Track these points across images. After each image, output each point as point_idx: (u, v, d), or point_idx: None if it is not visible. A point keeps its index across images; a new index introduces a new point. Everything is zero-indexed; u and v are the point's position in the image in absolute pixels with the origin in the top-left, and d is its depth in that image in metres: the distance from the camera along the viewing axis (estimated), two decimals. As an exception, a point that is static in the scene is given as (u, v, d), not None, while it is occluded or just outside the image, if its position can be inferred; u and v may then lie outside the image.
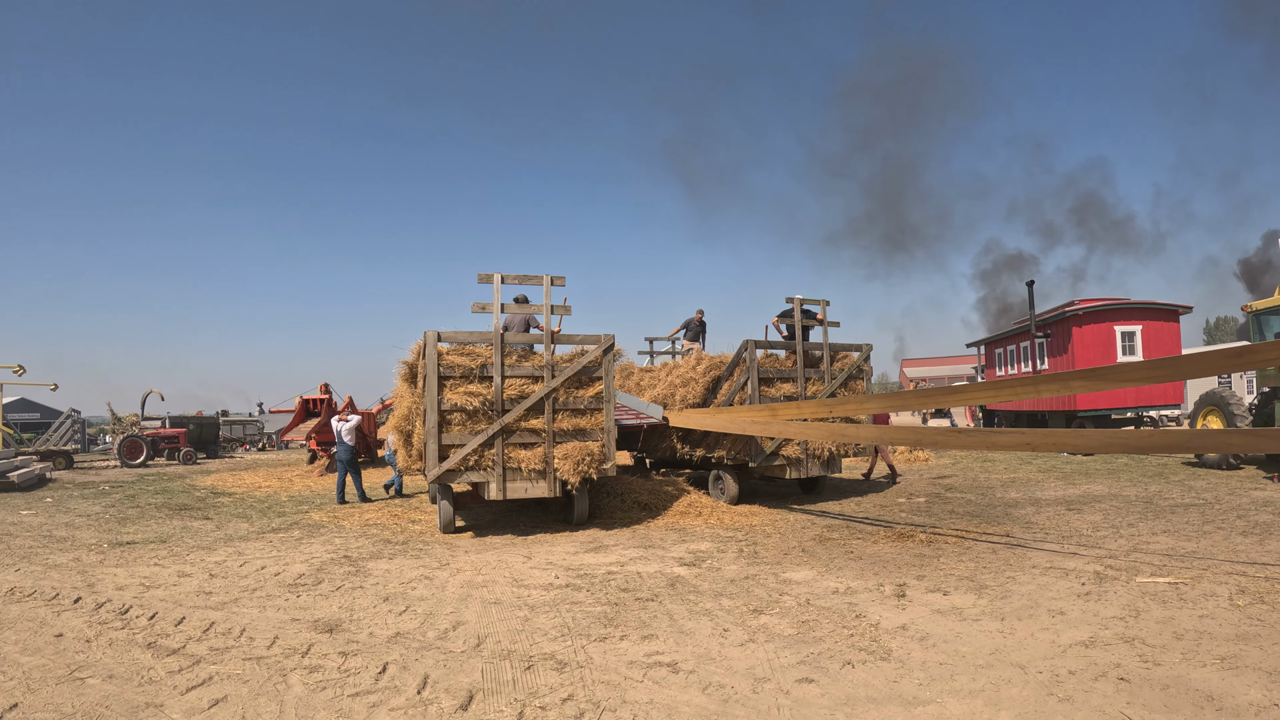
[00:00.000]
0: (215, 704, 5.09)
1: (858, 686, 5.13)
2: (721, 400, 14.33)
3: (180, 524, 13.40)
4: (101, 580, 8.94)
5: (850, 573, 8.50)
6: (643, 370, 18.19)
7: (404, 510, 14.62)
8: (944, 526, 11.19)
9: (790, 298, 14.82)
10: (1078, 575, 7.90)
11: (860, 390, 15.05)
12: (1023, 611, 6.72)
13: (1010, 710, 4.65)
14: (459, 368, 11.57)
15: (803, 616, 6.84)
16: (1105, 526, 10.59)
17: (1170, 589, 7.22)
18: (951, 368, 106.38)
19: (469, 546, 10.85)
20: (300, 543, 11.25)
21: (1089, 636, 5.96)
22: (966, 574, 8.18)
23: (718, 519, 12.64)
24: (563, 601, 7.61)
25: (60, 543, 11.52)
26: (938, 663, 5.52)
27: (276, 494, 18.08)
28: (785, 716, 4.70)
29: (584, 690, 5.21)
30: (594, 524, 12.50)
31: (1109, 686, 4.94)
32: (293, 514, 14.46)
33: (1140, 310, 24.18)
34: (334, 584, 8.56)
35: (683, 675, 5.46)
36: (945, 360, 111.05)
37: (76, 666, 5.90)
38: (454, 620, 7.02)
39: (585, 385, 12.31)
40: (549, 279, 12.04)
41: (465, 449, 11.51)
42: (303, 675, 5.61)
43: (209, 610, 7.51)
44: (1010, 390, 9.47)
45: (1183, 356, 7.59)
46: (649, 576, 8.62)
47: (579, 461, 11.76)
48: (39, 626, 7.01)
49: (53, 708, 5.07)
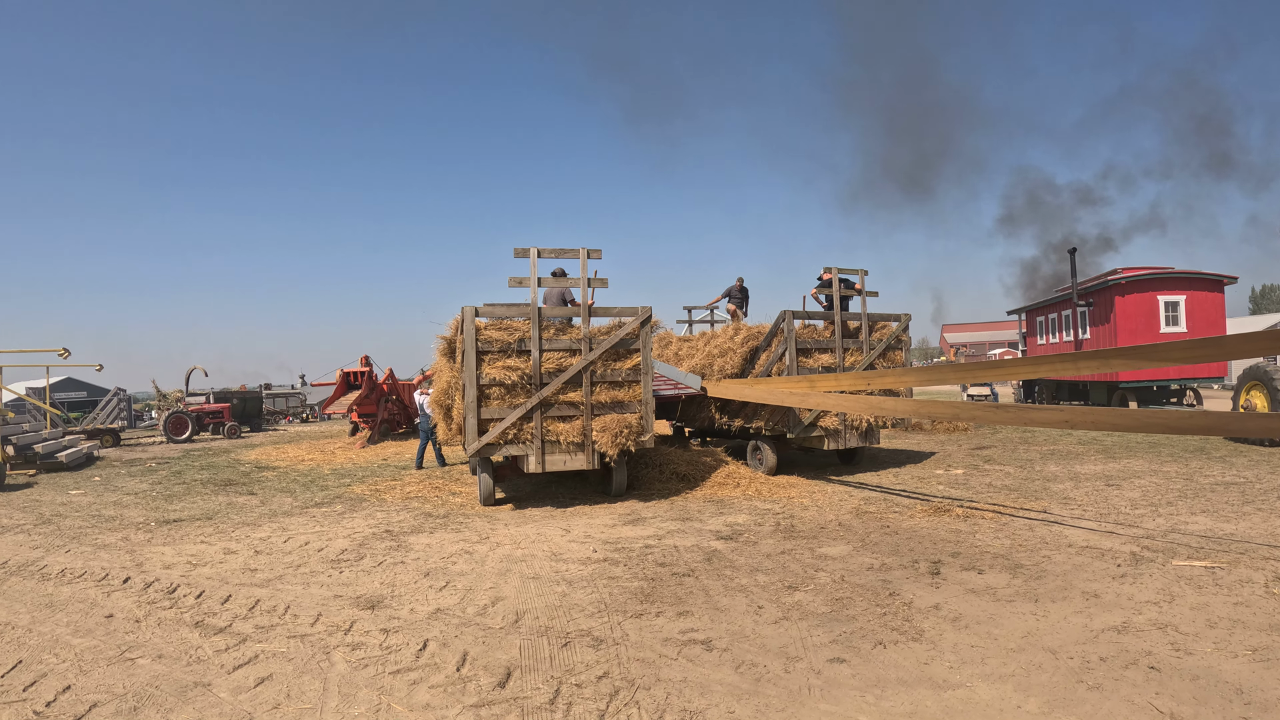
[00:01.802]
0: (261, 682, 5.25)
1: (888, 668, 5.18)
2: (759, 371, 14.35)
3: (225, 500, 13.67)
4: (149, 559, 9.15)
5: (885, 548, 8.52)
6: (680, 339, 18.21)
7: (444, 482, 14.80)
8: (981, 500, 11.17)
9: (827, 268, 14.77)
10: (1114, 556, 7.87)
11: (899, 360, 15.01)
12: (1056, 593, 6.72)
13: (1039, 697, 4.69)
14: (497, 342, 11.66)
15: (837, 594, 6.89)
16: (1144, 504, 10.52)
17: (1206, 573, 7.17)
18: (992, 333, 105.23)
19: (508, 519, 11.00)
20: (343, 517, 11.45)
21: (1122, 621, 5.95)
22: (1002, 551, 8.18)
23: (755, 490, 12.71)
24: (600, 576, 7.72)
25: (109, 522, 11.76)
26: (969, 645, 5.55)
27: (319, 467, 18.36)
28: (815, 697, 4.77)
29: (619, 668, 5.31)
30: (632, 495, 12.61)
31: (1139, 675, 4.95)
32: (335, 488, 14.70)
33: (1184, 280, 23.76)
34: (375, 559, 8.73)
35: (716, 653, 5.54)
36: (986, 326, 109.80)
37: (127, 647, 6.07)
38: (493, 596, 7.14)
39: (623, 357, 12.36)
40: (585, 252, 12.08)
41: (504, 423, 11.62)
42: (345, 653, 5.76)
43: (254, 588, 7.70)
44: (1050, 367, 9.38)
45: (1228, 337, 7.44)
46: (686, 550, 8.71)
47: (617, 434, 11.84)
48: (90, 608, 7.20)
49: (104, 689, 5.23)
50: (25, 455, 18.80)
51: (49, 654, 5.96)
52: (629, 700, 4.79)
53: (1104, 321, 24.16)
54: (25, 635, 6.44)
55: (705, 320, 22.02)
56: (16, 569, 8.84)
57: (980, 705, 4.60)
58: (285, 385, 52.08)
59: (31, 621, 6.81)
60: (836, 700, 4.72)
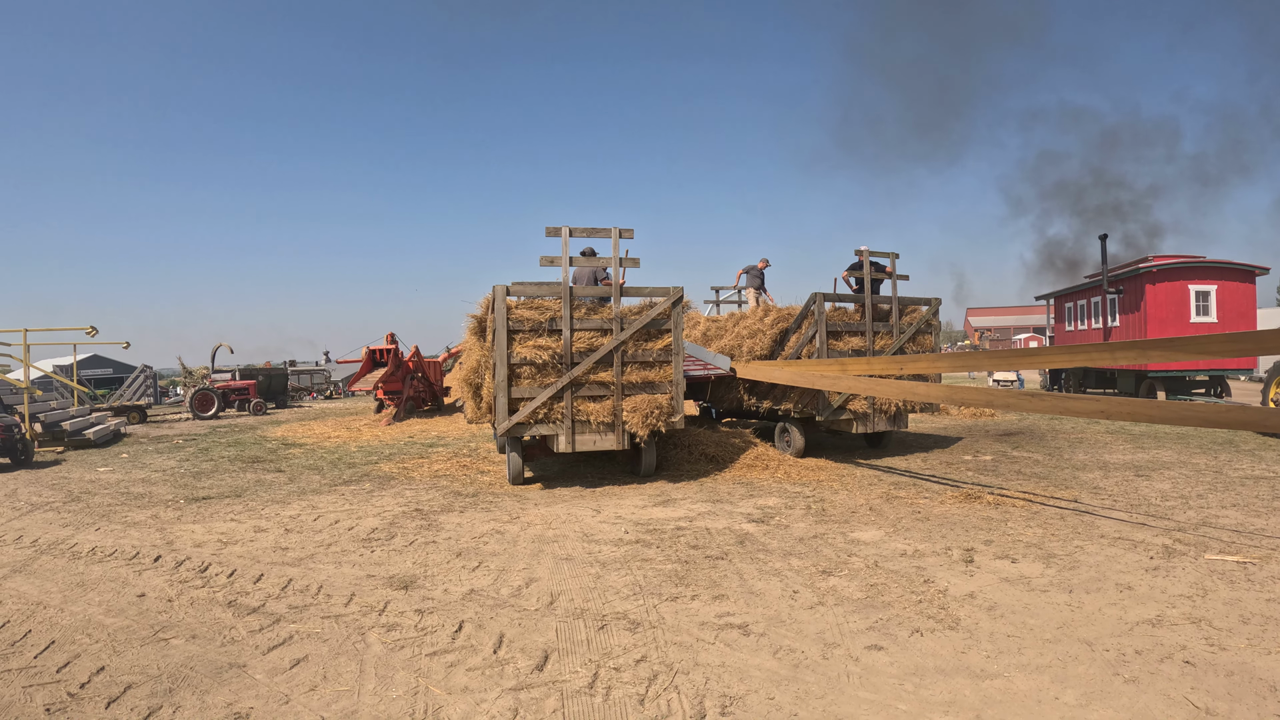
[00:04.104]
0: (296, 664, 5.28)
1: (926, 656, 5.18)
2: (789, 353, 14.32)
3: (254, 477, 13.78)
4: (180, 537, 9.20)
5: (918, 534, 8.51)
6: (709, 320, 18.18)
7: (472, 460, 14.86)
8: (1011, 488, 11.13)
9: (859, 250, 14.71)
10: (1146, 548, 7.83)
11: (928, 345, 14.97)
12: (1090, 584, 6.69)
13: (1076, 689, 4.68)
14: (528, 321, 11.67)
15: (871, 579, 6.89)
16: (1174, 496, 10.45)
17: (1238, 568, 7.11)
18: (1017, 318, 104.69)
19: (538, 499, 11.04)
20: (372, 495, 11.52)
21: (1156, 615, 5.93)
22: (1034, 541, 8.15)
23: (784, 473, 12.71)
24: (633, 558, 7.74)
25: (138, 499, 11.85)
26: (1005, 634, 5.54)
27: (345, 444, 18.48)
28: (855, 684, 4.77)
29: (657, 651, 5.33)
30: (661, 476, 12.63)
31: (1174, 669, 4.93)
32: (363, 465, 14.79)
33: (1216, 270, 23.53)
34: (406, 539, 8.78)
35: (754, 638, 5.56)
36: (1011, 310, 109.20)
37: (160, 627, 6.11)
38: (527, 577, 7.17)
39: (654, 338, 12.36)
40: (617, 231, 12.05)
41: (534, 402, 11.65)
42: (380, 634, 5.79)
43: (286, 567, 7.75)
44: (1085, 355, 9.29)
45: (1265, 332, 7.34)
46: (718, 533, 8.72)
47: (647, 415, 11.85)
48: (121, 587, 7.25)
49: (139, 670, 5.26)
50: (53, 432, 19.01)
51: (82, 634, 5.99)
52: (668, 684, 4.81)
53: (1134, 310, 23.98)
54: (58, 615, 6.48)
55: (733, 301, 21.98)
56: (47, 547, 8.92)
57: (1018, 696, 4.59)
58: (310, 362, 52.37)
59: (64, 601, 6.86)
60: (875, 688, 4.72)
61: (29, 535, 9.52)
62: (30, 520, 10.42)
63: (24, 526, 10.02)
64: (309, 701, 4.72)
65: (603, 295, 12.30)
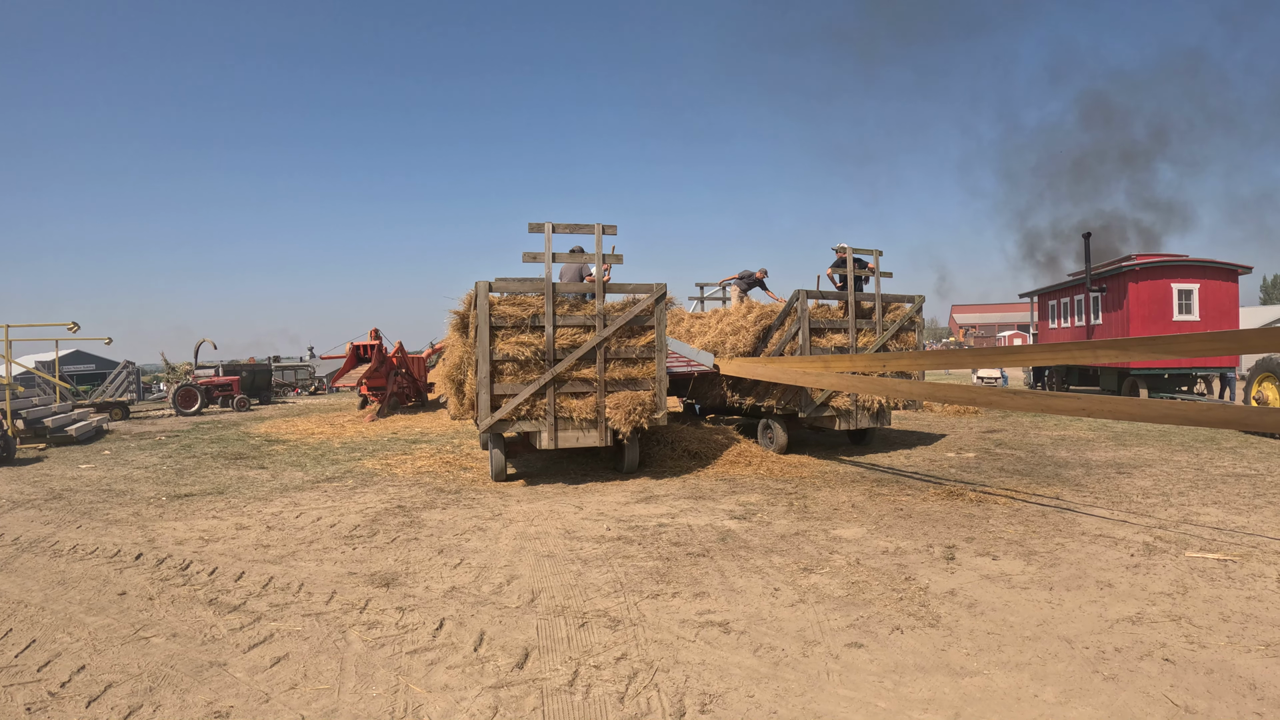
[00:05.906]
0: (277, 662, 5.26)
1: (906, 653, 5.20)
2: (772, 350, 14.35)
3: (236, 474, 13.69)
4: (161, 535, 9.14)
5: (900, 532, 8.54)
6: (693, 316, 18.20)
7: (455, 457, 14.81)
8: (993, 485, 11.17)
9: (841, 247, 14.73)
10: (1127, 545, 7.86)
11: (912, 342, 15.01)
12: (1071, 581, 6.72)
13: (1056, 686, 4.69)
14: (511, 318, 11.63)
15: (853, 577, 6.90)
16: (1155, 494, 10.50)
17: (1219, 566, 7.16)
18: (1001, 315, 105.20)
19: (521, 495, 11.02)
20: (354, 492, 11.48)
21: (1136, 612, 5.96)
22: (1015, 538, 8.18)
23: (767, 469, 12.74)
24: (615, 555, 7.74)
25: (119, 497, 11.76)
26: (985, 632, 5.56)
27: (329, 441, 18.39)
28: (835, 682, 4.78)
29: (637, 649, 5.33)
30: (644, 472, 12.64)
31: (1154, 667, 4.96)
32: (346, 462, 14.73)
33: (1198, 268, 23.63)
34: (389, 535, 8.75)
35: (734, 636, 5.56)
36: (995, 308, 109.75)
37: (141, 625, 6.07)
38: (508, 574, 7.16)
39: (637, 334, 12.34)
40: (600, 228, 12.02)
41: (517, 399, 11.62)
42: (361, 632, 5.78)
43: (267, 564, 7.71)
44: (1068, 354, 9.32)
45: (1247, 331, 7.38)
46: (700, 530, 8.73)
47: (630, 411, 11.85)
48: (102, 585, 7.20)
49: (119, 668, 5.23)
50: (35, 429, 18.83)
51: (62, 633, 5.96)
52: (648, 683, 4.81)
53: (1116, 308, 24.09)
54: (38, 614, 6.44)
55: (717, 298, 22.00)
56: (28, 545, 8.85)
57: (998, 693, 4.61)
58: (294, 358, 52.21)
59: (44, 599, 6.82)
60: (855, 686, 4.73)
61: (10, 533, 9.44)
62: (11, 518, 10.34)
63: (4, 524, 9.94)
64: (289, 700, 4.70)
65: (586, 292, 12.28)
